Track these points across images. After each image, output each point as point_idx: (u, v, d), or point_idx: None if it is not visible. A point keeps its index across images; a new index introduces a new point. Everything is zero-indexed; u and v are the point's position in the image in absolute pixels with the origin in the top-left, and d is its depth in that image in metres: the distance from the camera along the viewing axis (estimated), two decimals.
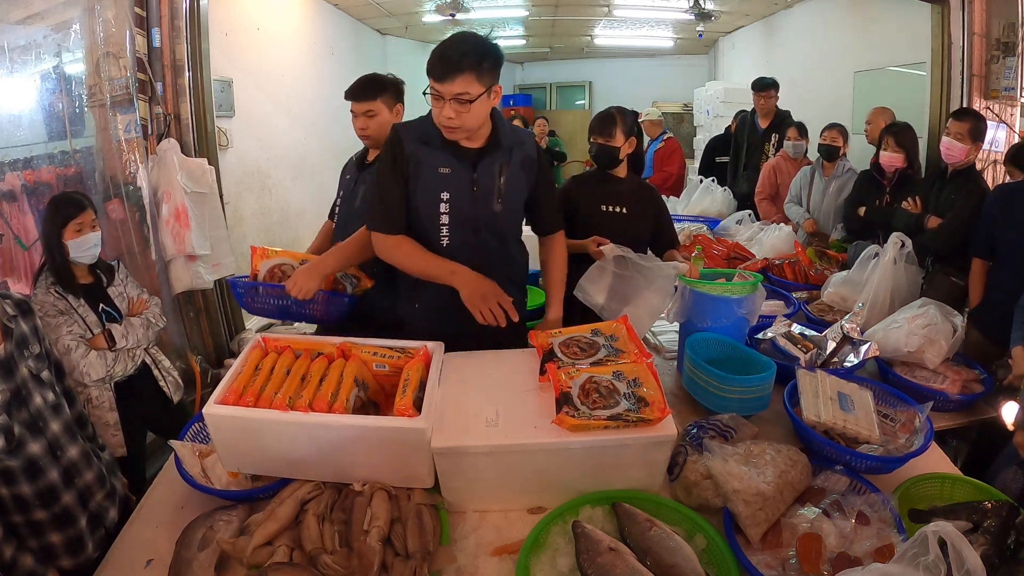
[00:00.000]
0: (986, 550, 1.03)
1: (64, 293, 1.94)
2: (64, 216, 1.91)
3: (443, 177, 1.52)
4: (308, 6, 5.13)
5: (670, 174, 4.96)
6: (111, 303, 2.08)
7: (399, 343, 1.44)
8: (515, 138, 1.59)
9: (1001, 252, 2.09)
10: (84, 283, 2.02)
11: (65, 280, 1.95)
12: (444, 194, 1.53)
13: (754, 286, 1.79)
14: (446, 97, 1.38)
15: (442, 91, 1.37)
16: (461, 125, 1.43)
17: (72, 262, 1.96)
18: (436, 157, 1.52)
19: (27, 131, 2.50)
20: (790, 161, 3.70)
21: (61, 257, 1.93)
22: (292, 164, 4.84)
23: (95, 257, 2.01)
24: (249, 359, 1.30)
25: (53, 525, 1.25)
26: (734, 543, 1.10)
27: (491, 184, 1.56)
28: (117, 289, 2.11)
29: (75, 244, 1.92)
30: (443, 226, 1.56)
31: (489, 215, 1.57)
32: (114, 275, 2.12)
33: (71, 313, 1.95)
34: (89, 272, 2.04)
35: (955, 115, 2.47)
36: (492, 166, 1.55)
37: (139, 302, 2.16)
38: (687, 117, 8.50)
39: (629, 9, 6.29)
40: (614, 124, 2.06)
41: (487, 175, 1.55)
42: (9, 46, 2.41)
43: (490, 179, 1.55)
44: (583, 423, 1.14)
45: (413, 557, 1.05)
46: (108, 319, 2.04)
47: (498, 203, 1.57)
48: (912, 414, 1.42)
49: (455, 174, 1.52)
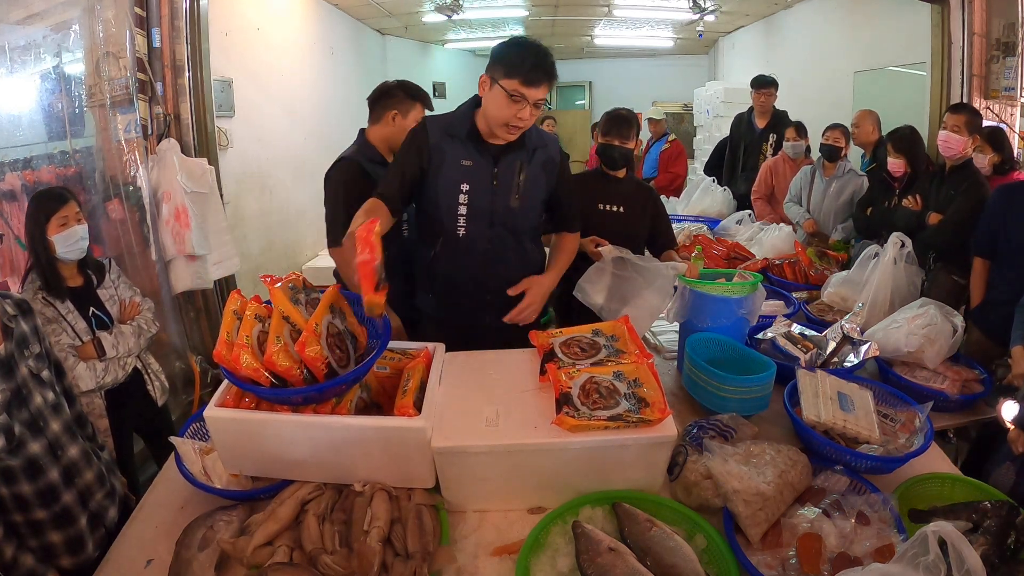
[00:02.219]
0: (986, 550, 1.03)
1: (52, 299, 1.87)
2: (46, 211, 1.84)
3: (465, 169, 1.59)
4: (308, 6, 5.13)
5: (677, 175, 4.98)
6: (102, 307, 2.01)
7: (400, 344, 1.44)
8: (539, 140, 1.66)
9: (1003, 251, 2.10)
10: (73, 285, 1.94)
11: (52, 283, 1.87)
12: (464, 185, 1.59)
13: (754, 286, 1.79)
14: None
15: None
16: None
17: (60, 260, 1.89)
18: (460, 150, 1.58)
19: (27, 131, 2.50)
20: (788, 162, 3.70)
21: (47, 256, 1.85)
22: (292, 164, 4.84)
23: (83, 251, 1.94)
24: None
25: (53, 524, 1.25)
26: (734, 543, 1.10)
27: (510, 180, 1.61)
28: (108, 291, 2.04)
29: (61, 238, 1.85)
30: (460, 216, 1.62)
31: (505, 209, 1.63)
32: (105, 274, 2.05)
33: (59, 321, 1.87)
34: (79, 272, 1.97)
35: (951, 109, 2.50)
36: (513, 163, 1.61)
37: (131, 305, 2.09)
38: (687, 117, 8.50)
39: (629, 9, 6.29)
40: (632, 126, 2.11)
41: (507, 171, 1.61)
42: (9, 46, 2.41)
43: (510, 175, 1.61)
44: (583, 423, 1.14)
45: (413, 557, 1.05)
46: (98, 325, 1.97)
47: (515, 199, 1.63)
48: (912, 414, 1.42)
49: (476, 167, 1.59)
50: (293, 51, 4.87)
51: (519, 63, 1.44)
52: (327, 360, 1.15)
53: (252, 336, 1.14)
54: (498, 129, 1.52)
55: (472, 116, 1.59)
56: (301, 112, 4.96)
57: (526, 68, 1.43)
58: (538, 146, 1.64)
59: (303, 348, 1.11)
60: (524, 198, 1.63)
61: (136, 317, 2.09)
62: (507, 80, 1.45)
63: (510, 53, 1.47)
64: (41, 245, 1.85)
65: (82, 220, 1.91)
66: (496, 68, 1.47)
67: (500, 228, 1.64)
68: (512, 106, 1.46)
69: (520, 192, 1.62)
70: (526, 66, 1.43)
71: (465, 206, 1.60)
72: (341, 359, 1.20)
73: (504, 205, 1.62)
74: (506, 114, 1.48)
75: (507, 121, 1.49)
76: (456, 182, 1.59)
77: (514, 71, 1.44)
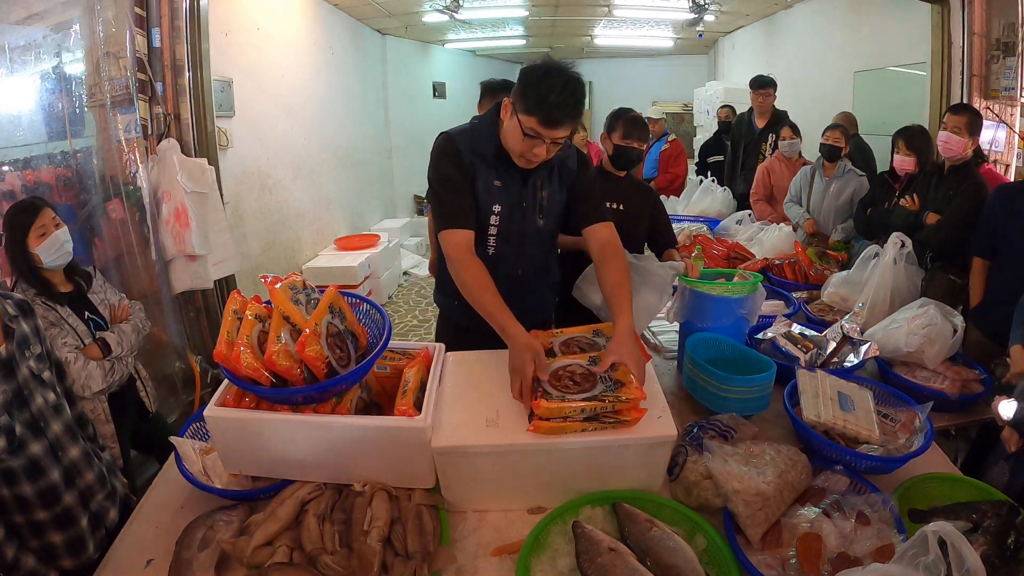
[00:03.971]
0: (986, 550, 1.03)
1: (52, 304, 1.85)
2: (22, 225, 1.79)
3: (496, 190, 1.54)
4: (308, 6, 5.13)
5: (677, 175, 4.99)
6: (96, 311, 2.00)
7: (400, 344, 1.44)
8: (562, 151, 1.57)
9: (1002, 251, 2.10)
10: (65, 291, 1.93)
11: (46, 290, 1.85)
12: (496, 207, 1.56)
13: (754, 286, 1.79)
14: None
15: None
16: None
17: (47, 271, 1.86)
18: (490, 170, 1.52)
19: (27, 131, 2.50)
20: (785, 162, 3.71)
21: (33, 270, 1.82)
22: (292, 164, 4.85)
23: (70, 254, 1.90)
24: None
25: (54, 525, 1.25)
26: (734, 543, 1.10)
27: (535, 200, 1.59)
28: (99, 296, 2.04)
29: (44, 248, 1.82)
30: (491, 236, 1.59)
31: (534, 230, 1.62)
32: (92, 281, 2.04)
33: (61, 324, 1.86)
34: (67, 280, 1.96)
35: (952, 109, 2.48)
36: (538, 182, 1.58)
37: (122, 308, 2.08)
38: (687, 117, 8.51)
39: (629, 9, 6.28)
40: (647, 130, 2.14)
41: (532, 191, 1.58)
42: (9, 46, 2.41)
43: (535, 195, 1.58)
44: (557, 406, 1.14)
45: (413, 557, 1.05)
46: (95, 328, 1.97)
47: (540, 218, 1.61)
48: (912, 414, 1.42)
49: (506, 188, 1.55)
50: (293, 51, 4.87)
51: (541, 101, 1.32)
52: (327, 360, 1.15)
53: (252, 336, 1.14)
54: (515, 158, 1.48)
55: (497, 135, 1.51)
56: (301, 112, 4.96)
57: (546, 108, 1.33)
58: (560, 161, 1.58)
59: (303, 348, 1.11)
60: (548, 217, 1.62)
61: (130, 317, 2.10)
62: (525, 116, 1.35)
63: (534, 87, 1.34)
64: (24, 261, 1.82)
65: (60, 224, 1.87)
66: (519, 99, 1.37)
67: (529, 247, 1.64)
68: (527, 142, 1.39)
69: (544, 212, 1.61)
70: (546, 106, 1.32)
71: (496, 227, 1.58)
72: (341, 359, 1.20)
73: (533, 226, 1.61)
74: (521, 148, 1.42)
75: (522, 154, 1.44)
76: (489, 203, 1.55)
77: (534, 109, 1.33)
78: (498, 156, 1.51)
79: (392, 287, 5.63)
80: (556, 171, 1.60)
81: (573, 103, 1.34)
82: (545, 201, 1.60)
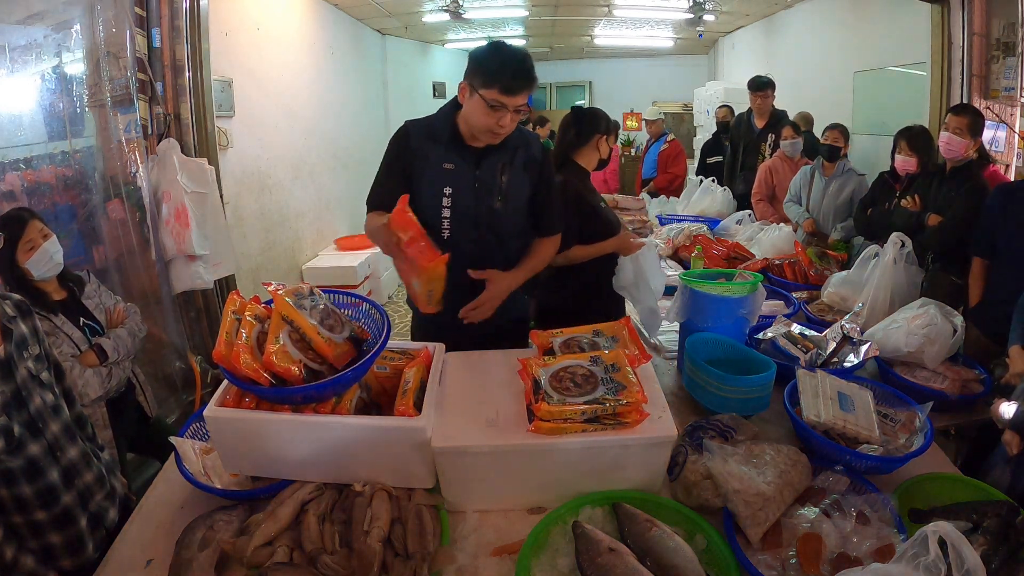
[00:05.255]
0: (986, 550, 1.03)
1: (46, 314, 1.84)
2: (9, 239, 1.77)
3: (447, 172, 1.59)
4: (308, 6, 5.13)
5: (676, 175, 5.00)
6: (91, 316, 1.99)
7: (400, 344, 1.44)
8: (521, 140, 1.64)
9: (1002, 251, 2.09)
10: (59, 299, 1.92)
11: (39, 300, 1.83)
12: (447, 188, 1.59)
13: (754, 286, 1.79)
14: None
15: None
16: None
17: (39, 281, 1.85)
18: (441, 153, 1.58)
19: (27, 131, 2.50)
20: (786, 161, 3.71)
21: (23, 283, 1.81)
22: (292, 164, 4.84)
23: (60, 265, 1.89)
24: None
25: (53, 525, 1.25)
26: (734, 543, 1.10)
27: (492, 182, 1.61)
28: (93, 300, 2.03)
29: (34, 262, 1.80)
30: (444, 219, 1.62)
31: (489, 211, 1.63)
32: (85, 285, 2.03)
33: (56, 333, 1.85)
34: (60, 286, 1.94)
35: (953, 110, 2.47)
36: (495, 165, 1.61)
37: (117, 311, 2.07)
38: (687, 117, 8.51)
39: (629, 9, 6.28)
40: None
41: (489, 173, 1.61)
42: (9, 46, 2.41)
43: (492, 177, 1.61)
44: (558, 409, 1.13)
45: (413, 557, 1.05)
46: (91, 333, 1.95)
47: (499, 201, 1.62)
48: (912, 414, 1.42)
49: (458, 170, 1.59)
50: (293, 51, 4.87)
51: (497, 73, 1.44)
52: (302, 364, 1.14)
53: (251, 336, 1.15)
54: (481, 135, 1.54)
55: (453, 118, 1.59)
56: (301, 112, 4.96)
57: (505, 78, 1.44)
58: (519, 146, 1.63)
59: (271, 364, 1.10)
60: (507, 200, 1.63)
61: (125, 321, 2.08)
62: (486, 90, 1.45)
63: (488, 62, 1.47)
64: (13, 276, 1.80)
65: (48, 235, 1.85)
66: (475, 77, 1.47)
67: (485, 231, 1.64)
68: (493, 114, 1.47)
69: (503, 194, 1.62)
70: (505, 76, 1.44)
71: (449, 209, 1.60)
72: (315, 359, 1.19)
73: (487, 207, 1.62)
74: (487, 122, 1.49)
75: (489, 128, 1.50)
76: (439, 185, 1.59)
77: (492, 81, 1.44)
78: (452, 139, 1.59)
79: (392, 287, 5.63)
80: (518, 155, 1.63)
81: (528, 71, 1.47)
82: (505, 185, 1.62)
